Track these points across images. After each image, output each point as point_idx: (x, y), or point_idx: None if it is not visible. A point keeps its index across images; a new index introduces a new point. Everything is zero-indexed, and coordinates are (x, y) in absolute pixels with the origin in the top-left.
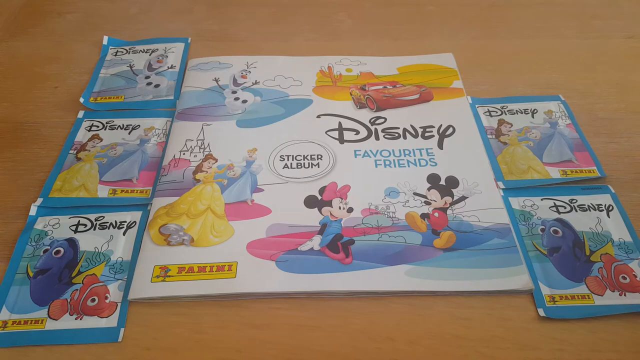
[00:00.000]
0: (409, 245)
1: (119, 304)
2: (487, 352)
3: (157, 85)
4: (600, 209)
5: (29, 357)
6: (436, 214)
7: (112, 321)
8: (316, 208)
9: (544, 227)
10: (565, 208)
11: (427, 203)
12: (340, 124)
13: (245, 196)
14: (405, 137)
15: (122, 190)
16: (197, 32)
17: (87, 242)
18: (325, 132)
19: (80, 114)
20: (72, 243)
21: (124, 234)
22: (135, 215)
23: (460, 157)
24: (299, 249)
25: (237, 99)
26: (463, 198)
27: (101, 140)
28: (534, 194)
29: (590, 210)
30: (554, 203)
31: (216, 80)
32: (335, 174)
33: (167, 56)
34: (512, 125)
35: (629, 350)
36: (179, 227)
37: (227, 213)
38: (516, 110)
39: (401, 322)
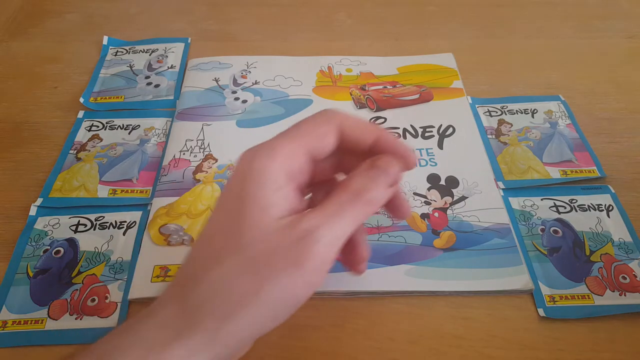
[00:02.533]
0: (409, 245)
1: (119, 304)
2: (487, 352)
3: (157, 85)
4: (600, 209)
5: (28, 357)
6: (436, 214)
7: (112, 321)
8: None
9: (544, 227)
10: (565, 208)
11: (427, 203)
12: None
13: None
14: (405, 137)
15: (122, 190)
16: (197, 32)
17: (87, 242)
18: None
19: (80, 114)
20: (72, 243)
21: (123, 234)
22: (135, 215)
23: (460, 157)
24: None
25: (237, 99)
26: (463, 198)
27: (101, 140)
28: (534, 194)
29: (590, 210)
30: (554, 203)
31: (216, 80)
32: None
33: (167, 56)
34: (512, 125)
35: (629, 350)
36: (179, 227)
37: None
38: (516, 110)
39: (401, 322)
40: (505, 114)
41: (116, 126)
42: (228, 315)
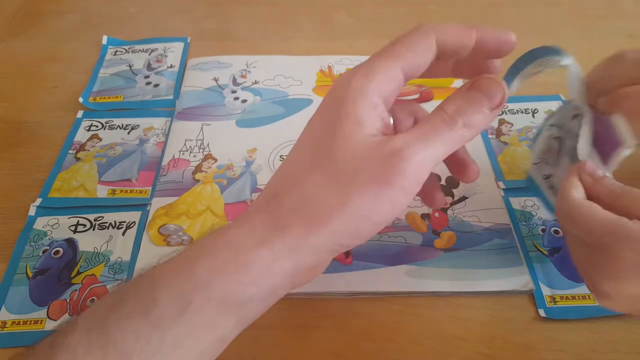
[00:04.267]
0: (409, 246)
1: None
2: (487, 352)
3: (156, 85)
4: None
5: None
6: (436, 214)
7: None
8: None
9: (544, 227)
10: None
11: None
12: None
13: (244, 196)
14: None
15: (122, 191)
16: (196, 31)
17: (87, 242)
18: None
19: (80, 114)
20: (71, 243)
21: (123, 234)
22: (134, 216)
23: None
24: None
25: (236, 98)
26: (463, 198)
27: (100, 140)
28: (535, 194)
29: None
30: None
31: (216, 79)
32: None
33: (166, 56)
34: (512, 125)
35: (630, 350)
36: (178, 227)
37: (226, 213)
38: (517, 110)
39: (401, 323)
40: (506, 114)
41: (115, 126)
42: (313, 224)
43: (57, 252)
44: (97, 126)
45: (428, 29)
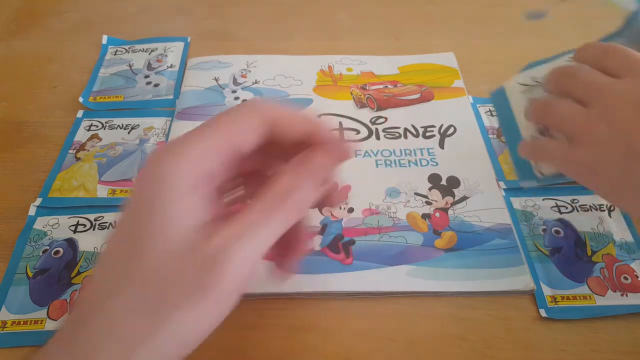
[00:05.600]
0: (410, 246)
1: None
2: (488, 352)
3: (156, 85)
4: (602, 209)
5: None
6: (437, 214)
7: None
8: (316, 208)
9: (545, 227)
10: (566, 208)
11: (428, 203)
12: (340, 123)
13: None
14: (406, 137)
15: (122, 190)
16: (196, 31)
17: (87, 242)
18: None
19: (80, 114)
20: (71, 243)
21: None
22: None
23: (461, 157)
24: None
25: (237, 98)
26: (464, 198)
27: (100, 140)
28: (536, 194)
29: (591, 211)
30: (556, 203)
31: (216, 79)
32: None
33: (166, 55)
34: None
35: (631, 350)
36: None
37: None
38: None
39: (402, 323)
40: None
41: (115, 126)
42: (125, 354)
43: (57, 252)
44: (97, 126)
45: (256, 107)
